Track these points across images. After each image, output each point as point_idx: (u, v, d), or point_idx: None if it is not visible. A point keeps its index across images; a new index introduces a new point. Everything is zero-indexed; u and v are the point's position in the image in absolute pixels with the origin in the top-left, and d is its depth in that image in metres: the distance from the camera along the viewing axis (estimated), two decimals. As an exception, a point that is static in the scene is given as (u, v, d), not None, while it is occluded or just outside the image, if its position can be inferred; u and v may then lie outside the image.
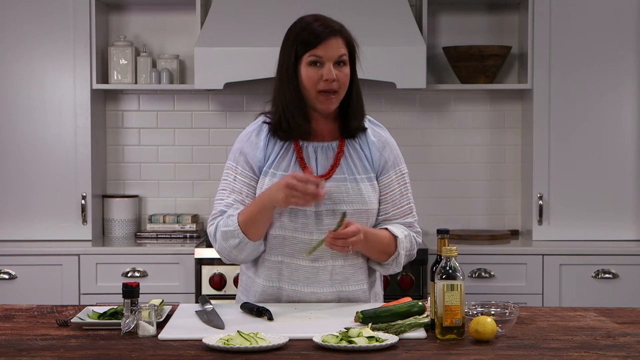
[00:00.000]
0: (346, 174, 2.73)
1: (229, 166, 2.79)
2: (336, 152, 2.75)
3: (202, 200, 4.92)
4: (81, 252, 4.37)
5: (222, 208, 2.74)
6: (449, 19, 4.91)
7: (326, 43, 2.66)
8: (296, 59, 2.68)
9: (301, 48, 2.67)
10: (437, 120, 4.93)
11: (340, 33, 2.69)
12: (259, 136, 2.77)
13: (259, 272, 2.78)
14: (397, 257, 2.74)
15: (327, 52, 2.66)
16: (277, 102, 2.74)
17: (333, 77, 2.66)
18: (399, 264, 2.77)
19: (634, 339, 2.35)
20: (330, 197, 2.68)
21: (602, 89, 4.54)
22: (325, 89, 2.67)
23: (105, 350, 2.24)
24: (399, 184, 2.79)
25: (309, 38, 2.66)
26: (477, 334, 2.29)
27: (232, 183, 2.75)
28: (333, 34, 2.67)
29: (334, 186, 2.70)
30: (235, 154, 2.78)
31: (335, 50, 2.67)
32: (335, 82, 2.67)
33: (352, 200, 2.70)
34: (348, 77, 2.70)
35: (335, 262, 2.73)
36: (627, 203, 4.56)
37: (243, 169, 2.75)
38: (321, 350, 2.22)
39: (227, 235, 2.68)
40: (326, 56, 2.66)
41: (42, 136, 4.55)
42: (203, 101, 4.92)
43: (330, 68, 2.66)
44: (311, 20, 2.71)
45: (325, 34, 2.66)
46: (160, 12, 4.90)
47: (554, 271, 4.36)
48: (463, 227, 4.91)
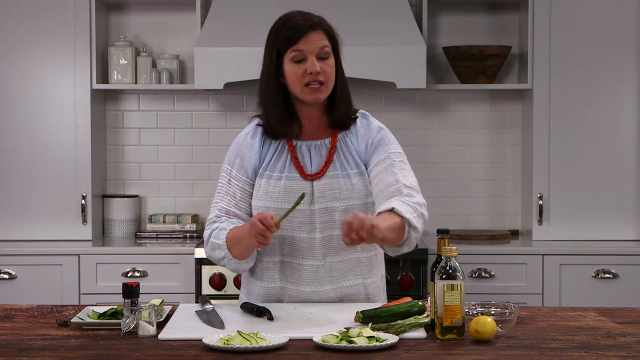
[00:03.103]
0: (339, 169, 2.73)
1: (224, 169, 2.81)
2: (329, 148, 2.76)
3: (202, 200, 4.92)
4: (81, 252, 4.37)
5: (216, 213, 2.78)
6: (449, 19, 4.91)
7: (307, 37, 2.66)
8: (278, 57, 2.70)
9: (283, 45, 2.68)
10: (437, 120, 4.93)
11: (320, 26, 2.70)
12: (254, 138, 2.79)
13: (257, 275, 2.79)
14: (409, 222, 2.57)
15: (308, 45, 2.66)
16: (262, 103, 2.77)
17: (317, 70, 2.66)
18: (415, 228, 2.59)
19: (634, 339, 2.35)
20: (324, 195, 2.69)
21: (602, 89, 4.54)
22: (310, 81, 2.68)
23: (105, 350, 2.24)
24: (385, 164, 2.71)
25: (289, 34, 2.67)
26: (477, 334, 2.29)
27: (226, 186, 2.78)
28: (313, 27, 2.68)
29: (327, 183, 2.71)
30: (231, 156, 2.80)
31: (317, 43, 2.67)
32: (321, 75, 2.67)
33: (346, 197, 2.71)
34: (333, 69, 2.71)
35: (333, 258, 2.74)
36: (627, 203, 4.56)
37: (238, 173, 2.77)
38: (321, 350, 2.22)
39: (214, 247, 2.73)
40: (308, 50, 2.67)
41: (42, 136, 4.55)
42: (203, 101, 4.92)
43: (314, 61, 2.66)
44: (291, 15, 2.72)
45: (305, 27, 2.67)
46: (160, 12, 4.90)
47: (554, 271, 4.36)
48: (463, 227, 4.91)
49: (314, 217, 2.71)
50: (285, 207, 2.66)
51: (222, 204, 2.77)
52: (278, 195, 2.71)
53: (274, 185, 2.72)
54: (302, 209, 2.68)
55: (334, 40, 2.73)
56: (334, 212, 2.71)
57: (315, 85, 2.68)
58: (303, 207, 2.68)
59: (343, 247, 2.70)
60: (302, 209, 2.68)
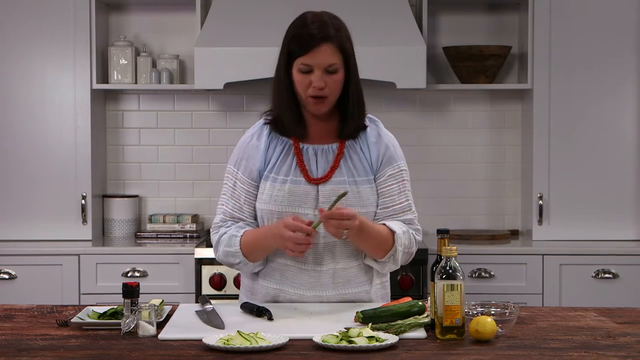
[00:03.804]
0: (345, 176, 2.72)
1: (230, 171, 2.80)
2: (336, 153, 2.74)
3: (202, 200, 4.92)
4: (81, 252, 4.37)
5: (222, 217, 2.78)
6: (449, 19, 4.91)
7: (316, 51, 2.63)
8: (288, 62, 2.68)
9: (292, 52, 2.66)
10: (437, 120, 4.93)
11: (334, 39, 2.65)
12: (259, 139, 2.77)
13: (262, 274, 2.79)
14: (394, 253, 2.70)
15: (316, 60, 2.63)
16: (274, 100, 2.76)
17: (321, 86, 2.64)
18: (397, 260, 2.72)
19: (634, 339, 2.35)
20: (329, 201, 2.65)
21: (602, 89, 4.54)
22: (314, 95, 2.66)
23: (105, 350, 2.24)
24: (396, 180, 2.76)
25: (300, 44, 2.64)
26: (477, 334, 2.29)
27: (231, 189, 2.78)
28: (325, 40, 2.63)
29: (333, 189, 2.69)
30: (237, 158, 2.79)
31: (325, 59, 2.64)
32: (325, 89, 2.65)
33: (351, 204, 2.67)
34: (338, 83, 2.67)
35: (337, 265, 2.73)
36: (627, 203, 4.56)
37: (243, 175, 2.76)
38: (321, 350, 2.22)
39: (228, 254, 2.74)
40: (315, 64, 2.64)
41: (42, 136, 4.55)
42: (203, 101, 4.92)
43: (319, 76, 2.64)
44: (309, 20, 2.67)
45: (317, 39, 2.63)
46: (160, 12, 4.90)
47: (554, 271, 4.36)
48: (463, 227, 4.91)
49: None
50: (289, 212, 2.67)
51: (227, 207, 2.77)
52: (282, 199, 2.69)
53: (278, 188, 2.71)
54: (307, 214, 2.68)
55: (346, 52, 2.67)
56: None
57: (318, 99, 2.67)
58: (307, 212, 2.68)
59: (347, 254, 2.73)
60: (306, 214, 2.67)
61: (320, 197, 2.69)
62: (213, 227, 2.81)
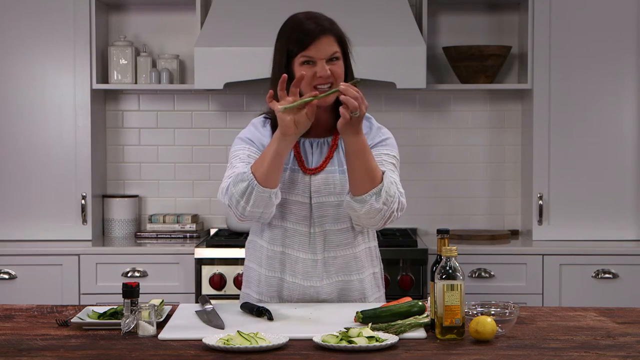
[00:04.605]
0: (336, 165, 2.77)
1: (242, 143, 2.78)
2: (330, 145, 2.80)
3: (202, 200, 4.92)
4: (81, 252, 4.37)
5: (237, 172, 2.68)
6: (449, 19, 4.91)
7: (317, 43, 2.67)
8: (288, 59, 2.70)
9: (293, 49, 2.69)
10: (437, 120, 4.92)
11: (331, 31, 2.70)
12: (265, 127, 2.82)
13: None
14: (380, 189, 2.60)
15: (319, 52, 2.67)
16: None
17: (327, 74, 2.68)
18: (378, 201, 2.61)
19: (634, 339, 2.35)
20: (319, 190, 2.74)
21: (602, 88, 4.54)
22: (320, 84, 2.69)
23: (105, 350, 2.24)
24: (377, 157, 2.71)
25: (300, 38, 2.68)
26: (477, 334, 2.29)
27: (245, 157, 2.73)
28: (324, 32, 2.68)
29: (323, 178, 2.75)
30: (246, 136, 2.80)
31: (327, 50, 2.68)
32: (331, 77, 2.69)
33: (340, 192, 2.74)
34: (343, 70, 2.72)
35: (329, 254, 2.77)
36: (627, 203, 4.56)
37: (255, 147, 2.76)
38: (321, 350, 2.22)
39: (237, 179, 2.63)
40: (318, 56, 2.68)
41: (42, 136, 4.55)
42: (203, 101, 4.92)
43: (324, 66, 2.68)
44: (303, 18, 2.72)
45: (316, 33, 2.67)
46: (160, 12, 4.90)
47: (554, 271, 4.36)
48: (463, 227, 4.91)
49: (311, 211, 2.76)
50: (288, 198, 2.72)
51: (239, 170, 2.68)
52: (282, 185, 2.73)
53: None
54: (302, 201, 2.75)
55: (343, 44, 2.74)
56: (328, 207, 2.76)
57: (325, 87, 2.69)
58: (303, 200, 2.75)
59: (338, 243, 2.77)
60: (301, 201, 2.74)
61: (312, 187, 2.75)
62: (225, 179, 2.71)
